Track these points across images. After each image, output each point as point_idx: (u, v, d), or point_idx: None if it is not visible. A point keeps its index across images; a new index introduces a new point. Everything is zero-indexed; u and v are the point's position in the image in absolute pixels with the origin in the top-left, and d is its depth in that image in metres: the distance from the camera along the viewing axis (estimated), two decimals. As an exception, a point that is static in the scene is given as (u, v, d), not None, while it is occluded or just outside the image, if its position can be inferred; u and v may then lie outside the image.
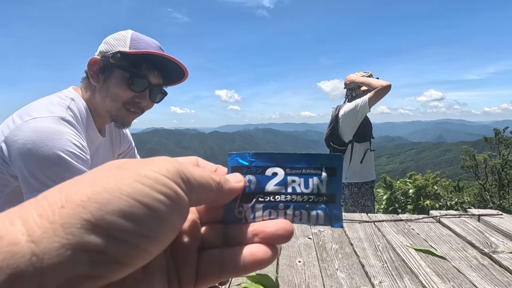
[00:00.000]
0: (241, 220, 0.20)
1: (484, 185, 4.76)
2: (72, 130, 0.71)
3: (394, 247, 1.15)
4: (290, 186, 0.21)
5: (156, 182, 0.15)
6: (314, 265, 1.04)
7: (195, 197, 0.17)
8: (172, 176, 0.16)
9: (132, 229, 0.13)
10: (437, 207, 3.97)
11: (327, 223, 0.21)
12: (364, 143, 2.15)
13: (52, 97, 0.77)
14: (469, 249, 1.13)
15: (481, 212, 1.47)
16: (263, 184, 0.21)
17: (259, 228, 0.19)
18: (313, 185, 0.21)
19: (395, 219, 1.46)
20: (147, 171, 0.15)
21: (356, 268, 1.02)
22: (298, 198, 0.21)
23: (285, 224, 0.19)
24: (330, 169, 0.21)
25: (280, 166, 0.21)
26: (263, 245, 0.19)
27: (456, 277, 0.93)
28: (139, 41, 0.79)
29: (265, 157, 0.21)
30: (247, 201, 0.20)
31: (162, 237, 0.15)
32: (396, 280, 0.93)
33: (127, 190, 0.14)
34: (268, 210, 0.20)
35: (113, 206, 0.13)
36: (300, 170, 0.21)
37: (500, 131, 4.90)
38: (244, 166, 0.21)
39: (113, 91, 0.79)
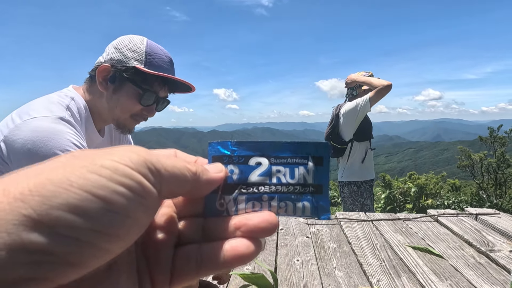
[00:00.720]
0: (222, 212, 0.19)
1: (481, 184, 4.79)
2: (72, 130, 0.71)
3: (392, 246, 1.16)
4: (275, 176, 0.20)
5: (115, 172, 0.13)
6: (312, 263, 1.05)
7: (166, 189, 0.15)
8: (136, 166, 0.14)
9: (83, 225, 0.12)
10: (435, 206, 4.00)
11: (314, 214, 0.20)
12: (364, 142, 2.16)
13: (52, 96, 0.77)
14: (466, 247, 1.14)
15: (479, 211, 1.48)
16: (246, 174, 0.20)
17: (241, 221, 0.18)
18: (299, 175, 0.20)
19: (393, 218, 1.47)
20: (105, 161, 0.13)
21: (354, 266, 1.02)
22: (283, 188, 0.20)
23: (269, 216, 0.18)
24: (316, 158, 0.20)
25: (264, 156, 0.20)
26: (246, 239, 0.17)
27: (453, 276, 0.94)
28: (153, 56, 0.80)
29: (248, 146, 0.20)
30: (229, 192, 0.19)
31: (123, 233, 0.13)
32: (394, 278, 0.93)
33: (77, 182, 0.12)
34: (252, 202, 0.19)
35: (60, 200, 0.12)
36: (286, 159, 0.20)
37: (495, 130, 4.93)
38: (225, 156, 0.20)
39: (123, 104, 0.81)
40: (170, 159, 0.16)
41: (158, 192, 0.15)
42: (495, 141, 4.83)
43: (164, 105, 0.90)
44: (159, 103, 0.86)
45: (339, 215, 1.52)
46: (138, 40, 0.82)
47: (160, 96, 0.85)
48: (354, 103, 2.10)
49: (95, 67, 0.81)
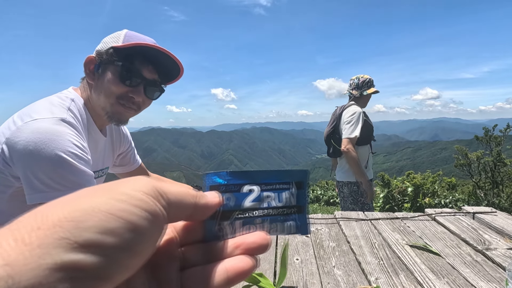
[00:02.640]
0: (221, 237, 0.21)
1: (478, 183, 4.82)
2: (73, 131, 0.71)
3: (390, 244, 1.17)
4: (265, 201, 0.22)
5: (132, 197, 0.15)
6: (311, 262, 1.06)
7: (173, 212, 0.17)
8: (149, 192, 0.16)
9: (110, 244, 0.14)
10: (433, 205, 4.02)
11: (298, 232, 0.23)
12: (364, 146, 2.21)
13: (52, 98, 0.77)
14: (463, 246, 1.15)
15: (476, 210, 1.49)
16: (241, 201, 0.22)
17: (239, 240, 0.20)
18: (286, 198, 0.23)
19: (391, 217, 1.48)
20: (123, 189, 0.16)
21: (353, 265, 1.03)
22: (273, 212, 0.22)
23: (264, 234, 0.21)
24: (298, 183, 0.24)
25: (255, 183, 0.22)
26: (244, 256, 0.20)
27: (450, 273, 0.95)
28: (132, 37, 0.80)
29: (241, 175, 0.22)
30: (226, 218, 0.21)
31: (140, 250, 0.15)
32: (392, 276, 0.95)
33: (104, 207, 0.14)
34: (247, 226, 0.21)
35: (91, 223, 0.14)
36: (273, 185, 0.23)
37: (490, 130, 4.96)
38: (221, 185, 0.22)
39: (106, 86, 0.79)
40: (174, 185, 0.18)
41: (166, 213, 0.17)
42: (490, 140, 4.86)
43: (154, 90, 0.85)
44: (146, 86, 0.82)
45: (338, 215, 1.53)
46: (121, 31, 0.82)
47: (146, 78, 0.81)
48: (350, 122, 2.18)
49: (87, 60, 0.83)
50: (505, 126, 4.94)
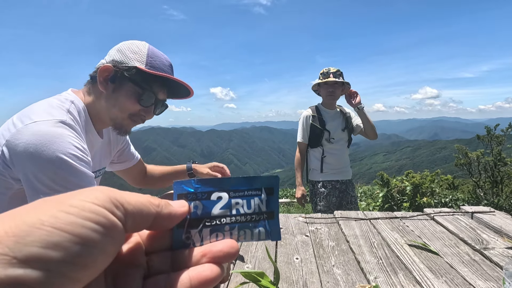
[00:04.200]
0: (189, 245, 0.21)
1: (478, 183, 4.83)
2: (73, 133, 0.72)
3: (389, 243, 1.18)
4: (234, 208, 0.22)
5: (83, 210, 0.15)
6: (311, 261, 1.07)
7: (131, 222, 0.17)
8: (102, 203, 0.16)
9: (54, 258, 0.13)
10: (432, 205, 4.03)
11: (268, 238, 0.23)
12: (315, 149, 2.26)
13: (52, 100, 0.78)
14: (461, 245, 1.16)
15: (474, 209, 1.50)
16: (209, 208, 0.22)
17: (206, 248, 0.20)
18: (255, 205, 0.23)
19: (390, 217, 1.49)
20: (73, 201, 0.15)
21: (352, 264, 1.04)
22: (242, 218, 0.22)
23: (231, 242, 0.20)
24: (268, 189, 0.23)
25: (224, 190, 0.22)
26: (210, 264, 0.19)
27: (449, 272, 0.96)
28: (154, 59, 0.82)
29: (210, 183, 0.22)
30: (194, 226, 0.21)
31: (90, 263, 0.15)
32: (391, 275, 0.96)
33: (49, 221, 0.14)
34: (215, 233, 0.21)
35: (33, 237, 0.13)
36: (243, 192, 0.23)
37: (492, 129, 4.96)
38: (189, 193, 0.22)
39: (122, 103, 0.82)
40: (133, 195, 0.18)
41: (123, 224, 0.16)
42: (492, 140, 4.87)
43: (162, 108, 0.91)
44: (157, 105, 0.87)
45: (337, 214, 1.54)
46: (141, 43, 0.84)
47: (159, 99, 0.86)
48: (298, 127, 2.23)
49: (97, 68, 0.82)
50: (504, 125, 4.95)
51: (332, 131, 2.16)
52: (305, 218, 1.52)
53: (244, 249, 1.18)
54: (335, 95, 2.16)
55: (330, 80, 2.09)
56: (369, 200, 4.82)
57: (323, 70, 2.15)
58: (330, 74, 2.10)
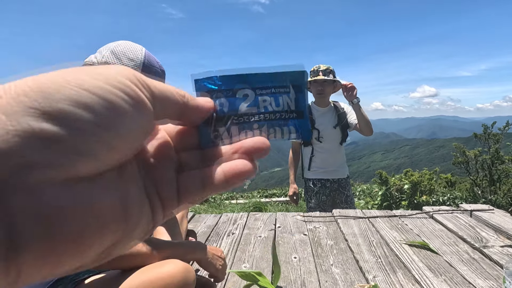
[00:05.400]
0: (218, 143, 0.20)
1: (475, 181, 4.85)
2: None
3: (388, 242, 1.17)
4: (262, 105, 0.21)
5: (109, 78, 0.14)
6: (309, 261, 1.06)
7: (159, 107, 0.16)
8: (128, 77, 0.14)
9: (86, 118, 0.12)
10: (430, 203, 4.04)
11: (298, 137, 0.22)
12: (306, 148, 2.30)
13: None
14: (460, 243, 1.16)
15: (473, 207, 1.50)
16: (236, 106, 0.21)
17: (237, 145, 0.19)
18: (283, 102, 0.22)
19: (389, 215, 1.48)
20: (98, 69, 0.14)
21: (351, 263, 1.03)
22: (270, 116, 0.21)
23: (262, 139, 0.20)
24: (296, 86, 0.22)
25: (250, 88, 0.21)
26: (243, 159, 0.19)
27: (448, 271, 0.95)
28: (150, 69, 0.81)
29: (234, 79, 0.21)
30: (221, 124, 0.20)
31: (125, 133, 0.14)
32: (390, 274, 0.95)
33: (75, 81, 0.13)
34: (244, 131, 0.21)
35: (61, 95, 0.12)
36: (270, 89, 0.22)
37: (489, 127, 4.97)
38: (213, 90, 0.21)
39: None
40: (158, 81, 0.17)
41: (151, 104, 0.15)
42: (489, 138, 4.88)
43: None
44: None
45: (336, 213, 1.53)
46: (137, 49, 0.80)
47: None
48: None
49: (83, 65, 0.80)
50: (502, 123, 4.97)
51: (321, 129, 2.17)
52: (304, 216, 1.51)
53: (241, 248, 1.17)
54: (325, 93, 2.16)
55: (318, 79, 2.09)
56: (367, 199, 4.82)
57: (313, 68, 2.15)
58: (319, 72, 2.11)
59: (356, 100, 2.05)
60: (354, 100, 2.05)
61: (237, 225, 1.43)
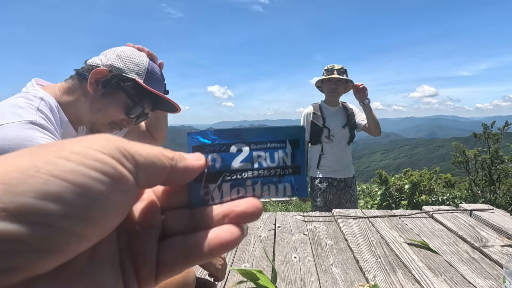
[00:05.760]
0: (208, 201, 0.19)
1: (475, 180, 4.85)
2: (45, 134, 0.67)
3: (388, 242, 1.17)
4: (256, 161, 0.20)
5: (85, 157, 0.13)
6: (309, 260, 1.06)
7: (143, 176, 0.15)
8: (108, 151, 0.13)
9: (53, 211, 0.11)
10: (430, 203, 4.05)
11: (293, 194, 0.21)
12: (314, 146, 2.30)
13: (18, 99, 0.71)
14: (460, 243, 1.16)
15: (473, 207, 1.50)
16: (229, 161, 0.20)
17: (229, 208, 0.18)
18: (279, 158, 0.21)
19: (388, 215, 1.48)
20: (75, 147, 0.13)
21: (351, 263, 1.03)
22: (265, 172, 0.20)
23: (256, 202, 0.19)
24: (293, 141, 0.21)
25: (244, 142, 0.20)
26: (231, 225, 0.18)
27: (448, 271, 0.95)
28: (152, 75, 0.82)
29: (228, 134, 0.20)
30: (213, 180, 0.19)
31: (98, 218, 0.13)
32: (390, 274, 0.95)
33: (45, 167, 0.12)
34: (236, 188, 0.20)
35: (27, 186, 0.11)
36: (265, 144, 0.21)
37: (488, 127, 4.98)
38: (206, 145, 0.20)
39: (108, 110, 0.79)
40: (144, 146, 0.16)
41: (134, 178, 0.14)
42: (488, 138, 4.89)
43: (143, 119, 0.91)
44: (141, 117, 0.86)
45: (336, 212, 1.53)
46: (142, 56, 0.83)
47: (145, 112, 0.86)
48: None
49: (88, 67, 0.78)
50: (502, 123, 4.97)
51: (331, 128, 2.17)
52: (303, 216, 1.51)
53: (241, 248, 1.17)
54: (338, 92, 2.17)
55: (333, 77, 2.10)
56: (367, 199, 4.83)
57: (328, 67, 2.15)
58: (334, 71, 2.11)
59: (367, 100, 2.07)
60: (365, 101, 2.07)
61: (237, 225, 1.43)
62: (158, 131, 1.15)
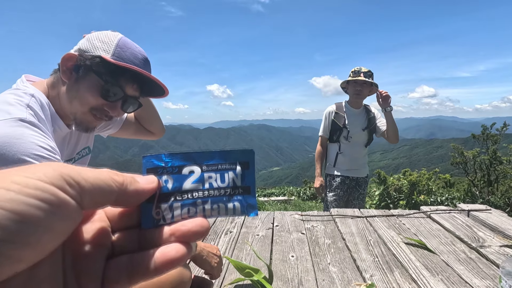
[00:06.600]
0: (159, 221, 0.20)
1: (473, 181, 4.87)
2: (35, 131, 0.65)
3: (386, 241, 1.17)
4: (207, 182, 0.21)
5: (26, 186, 0.14)
6: (307, 259, 1.06)
7: (88, 199, 0.16)
8: (50, 180, 0.14)
9: None
10: (428, 203, 4.05)
11: (243, 213, 0.22)
12: (332, 144, 2.34)
13: (7, 95, 0.70)
14: (457, 243, 1.16)
15: (471, 207, 1.50)
16: (181, 183, 0.21)
17: (175, 227, 0.19)
18: (229, 179, 0.22)
19: (386, 215, 1.49)
20: (16, 177, 0.14)
21: (348, 262, 1.03)
22: (215, 192, 0.21)
23: (201, 221, 0.20)
24: (243, 163, 0.22)
25: (196, 164, 0.22)
26: (178, 243, 0.18)
27: (445, 270, 0.96)
28: (124, 50, 0.75)
29: (181, 157, 0.21)
30: (164, 201, 0.20)
31: (34, 242, 0.14)
32: (387, 273, 0.95)
33: None
34: (187, 208, 0.21)
35: None
36: (216, 166, 0.22)
37: (488, 128, 4.99)
38: (159, 167, 0.21)
39: (82, 95, 0.74)
40: (93, 171, 0.17)
41: (77, 202, 0.15)
42: (487, 139, 4.90)
43: (133, 106, 0.83)
44: (126, 101, 0.79)
45: (334, 212, 1.53)
46: (113, 33, 0.76)
47: (128, 94, 0.78)
48: None
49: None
50: (500, 124, 4.98)
51: (351, 129, 2.21)
52: (301, 215, 1.51)
53: (239, 247, 1.17)
54: (362, 95, 2.21)
55: (359, 79, 2.13)
56: (365, 198, 4.83)
57: (355, 69, 2.19)
58: (360, 73, 2.15)
59: (389, 108, 2.10)
60: (387, 108, 2.10)
61: (234, 223, 1.43)
62: (150, 123, 1.10)
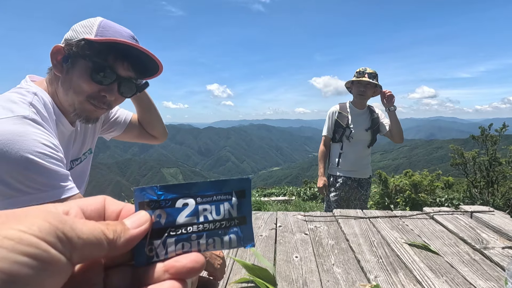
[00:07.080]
0: (152, 258, 0.19)
1: (473, 182, 4.87)
2: (38, 129, 0.65)
3: (389, 242, 1.18)
4: (202, 215, 0.21)
5: (19, 242, 0.14)
6: (310, 260, 1.06)
7: (79, 255, 0.16)
8: (44, 235, 0.14)
9: None
10: (429, 203, 4.06)
11: (240, 245, 0.22)
12: (335, 144, 2.35)
13: (11, 94, 0.70)
14: (461, 244, 1.16)
15: (474, 209, 1.50)
16: (174, 217, 0.20)
17: (169, 263, 0.19)
18: (225, 210, 0.21)
19: (389, 216, 1.49)
20: (10, 231, 0.14)
21: (352, 263, 1.04)
22: (210, 226, 0.21)
23: (196, 256, 0.19)
24: (239, 192, 0.22)
25: (190, 196, 0.21)
26: (172, 280, 0.18)
27: (449, 272, 0.96)
28: (107, 29, 0.72)
29: (174, 189, 0.21)
30: (157, 237, 0.20)
31: None
32: (391, 275, 0.95)
33: None
34: (181, 243, 0.20)
35: None
36: (211, 197, 0.21)
37: (486, 129, 5.00)
38: (152, 201, 0.20)
39: (76, 84, 0.72)
40: (86, 225, 0.17)
41: (68, 258, 0.15)
42: (486, 140, 4.91)
43: (130, 88, 0.79)
44: (122, 83, 0.75)
45: (337, 213, 1.53)
46: (95, 18, 0.74)
47: (121, 75, 0.75)
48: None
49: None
50: (500, 125, 4.99)
51: (354, 130, 2.21)
52: (304, 216, 1.51)
53: (243, 247, 1.17)
54: (366, 95, 2.21)
55: (363, 80, 2.14)
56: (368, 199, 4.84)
57: (360, 69, 2.19)
58: (365, 74, 2.15)
59: (393, 107, 2.11)
60: (391, 108, 2.11)
61: (238, 223, 1.43)
62: (153, 126, 1.10)
